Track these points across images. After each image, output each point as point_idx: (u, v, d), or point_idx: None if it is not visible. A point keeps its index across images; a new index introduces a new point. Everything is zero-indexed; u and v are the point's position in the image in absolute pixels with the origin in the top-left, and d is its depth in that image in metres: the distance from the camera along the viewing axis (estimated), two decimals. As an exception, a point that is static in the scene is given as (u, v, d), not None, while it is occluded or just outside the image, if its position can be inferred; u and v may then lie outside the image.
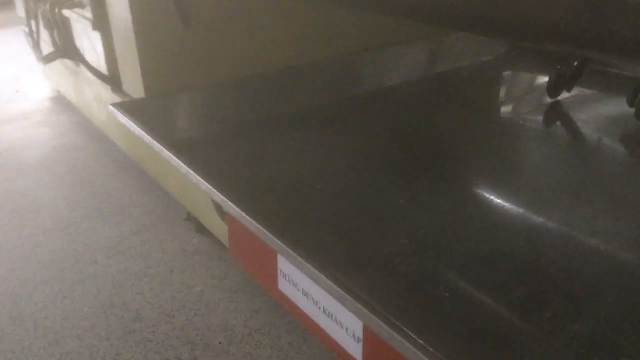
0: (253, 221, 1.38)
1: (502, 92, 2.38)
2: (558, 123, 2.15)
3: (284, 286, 1.63)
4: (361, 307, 1.09)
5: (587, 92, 2.19)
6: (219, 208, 1.97)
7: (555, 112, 2.13)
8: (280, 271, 1.62)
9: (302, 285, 1.54)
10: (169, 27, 2.04)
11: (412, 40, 2.35)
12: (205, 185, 1.52)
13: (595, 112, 2.13)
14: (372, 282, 1.30)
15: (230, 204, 1.46)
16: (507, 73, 2.50)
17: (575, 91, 2.14)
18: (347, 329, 1.44)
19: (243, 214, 1.41)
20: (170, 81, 2.15)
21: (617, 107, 2.09)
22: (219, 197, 1.48)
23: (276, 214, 1.52)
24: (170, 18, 1.98)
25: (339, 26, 2.22)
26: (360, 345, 1.40)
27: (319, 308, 1.52)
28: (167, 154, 1.67)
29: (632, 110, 1.90)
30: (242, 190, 1.58)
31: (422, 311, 1.21)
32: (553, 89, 2.10)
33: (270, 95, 2.13)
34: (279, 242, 1.31)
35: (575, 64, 2.10)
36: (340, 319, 1.43)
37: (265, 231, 1.36)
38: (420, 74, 2.43)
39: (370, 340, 1.35)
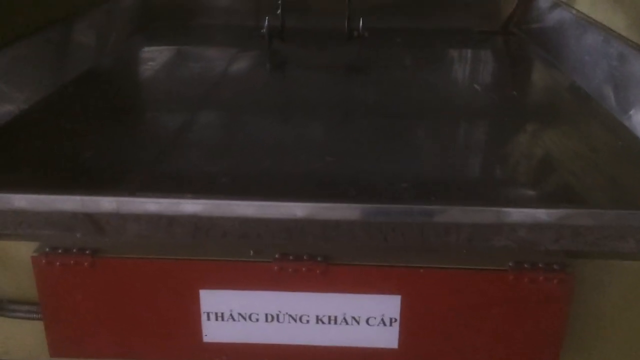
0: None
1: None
2: None
3: (215, 332, 1.19)
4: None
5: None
6: None
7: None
8: (207, 314, 1.18)
9: (260, 309, 1.17)
10: None
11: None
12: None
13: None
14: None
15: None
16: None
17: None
18: (369, 318, 1.16)
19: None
20: None
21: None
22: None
23: None
24: None
25: None
26: (395, 326, 1.16)
27: (304, 319, 1.17)
28: None
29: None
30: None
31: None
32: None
33: None
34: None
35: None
36: (355, 311, 1.15)
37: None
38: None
39: (409, 310, 1.15)
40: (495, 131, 1.62)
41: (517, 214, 0.98)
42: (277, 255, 1.15)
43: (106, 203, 0.98)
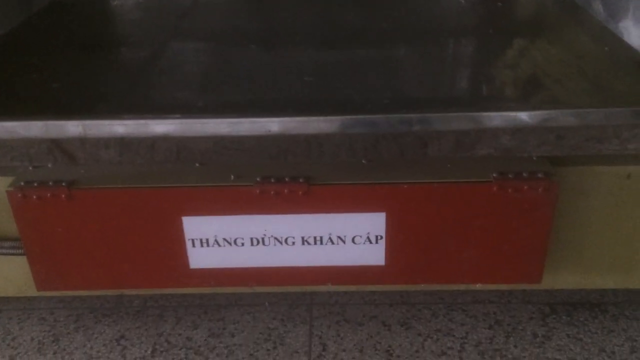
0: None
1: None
2: None
3: (201, 258, 1.19)
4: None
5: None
6: None
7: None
8: (192, 240, 1.17)
9: (244, 233, 1.16)
10: None
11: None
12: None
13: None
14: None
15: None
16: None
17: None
18: (354, 237, 1.16)
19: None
20: None
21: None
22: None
23: None
24: None
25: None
26: (381, 243, 1.16)
27: (289, 242, 1.17)
28: None
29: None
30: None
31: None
32: None
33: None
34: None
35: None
36: (340, 231, 1.16)
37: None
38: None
39: (394, 227, 1.16)
40: (479, 44, 1.57)
41: (498, 119, 0.95)
42: (258, 179, 1.12)
43: (71, 127, 0.94)
